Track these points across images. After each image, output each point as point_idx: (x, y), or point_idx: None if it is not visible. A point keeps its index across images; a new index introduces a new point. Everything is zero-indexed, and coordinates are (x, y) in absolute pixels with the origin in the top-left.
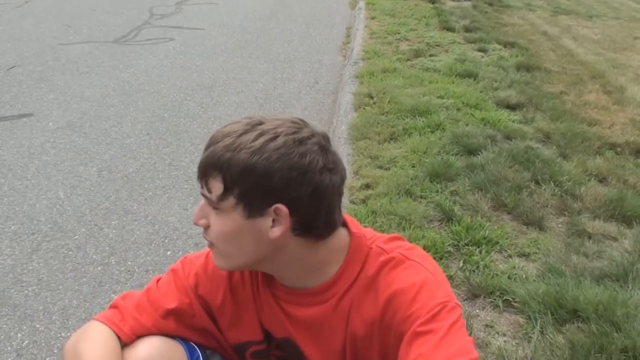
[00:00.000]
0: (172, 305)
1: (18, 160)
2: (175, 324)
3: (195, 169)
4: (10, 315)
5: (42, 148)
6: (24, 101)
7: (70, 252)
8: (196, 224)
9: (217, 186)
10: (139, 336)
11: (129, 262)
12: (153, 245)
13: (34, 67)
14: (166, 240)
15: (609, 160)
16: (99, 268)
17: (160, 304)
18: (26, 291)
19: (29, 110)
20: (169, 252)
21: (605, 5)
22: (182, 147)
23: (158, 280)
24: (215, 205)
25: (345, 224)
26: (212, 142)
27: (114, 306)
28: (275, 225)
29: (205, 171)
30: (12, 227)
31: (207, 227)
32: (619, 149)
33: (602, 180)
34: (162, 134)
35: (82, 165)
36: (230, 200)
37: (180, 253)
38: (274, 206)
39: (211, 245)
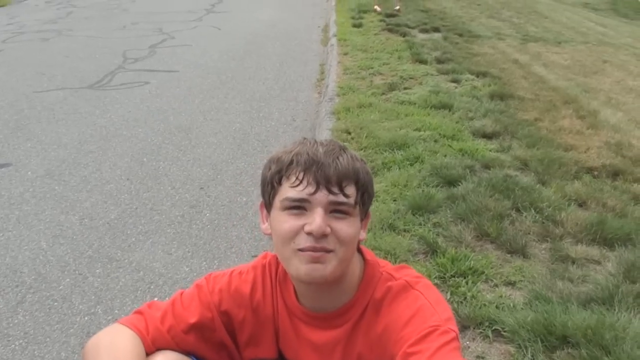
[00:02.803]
0: (194, 319)
1: None
2: (195, 339)
3: (177, 213)
4: None
5: (22, 198)
6: (1, 151)
7: (55, 304)
8: (324, 232)
9: (352, 192)
10: (158, 347)
11: (116, 311)
12: (139, 292)
13: (9, 116)
14: (152, 287)
15: (587, 184)
16: (86, 318)
17: (184, 318)
18: (13, 345)
19: (7, 160)
20: (155, 299)
21: (572, 30)
22: (163, 190)
23: (182, 294)
24: (350, 209)
25: (359, 251)
26: (324, 159)
27: (139, 312)
28: (363, 229)
29: (341, 180)
30: None
31: (328, 235)
32: (596, 173)
33: (581, 204)
34: (142, 178)
35: (64, 214)
36: (359, 205)
37: (167, 299)
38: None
39: (327, 252)
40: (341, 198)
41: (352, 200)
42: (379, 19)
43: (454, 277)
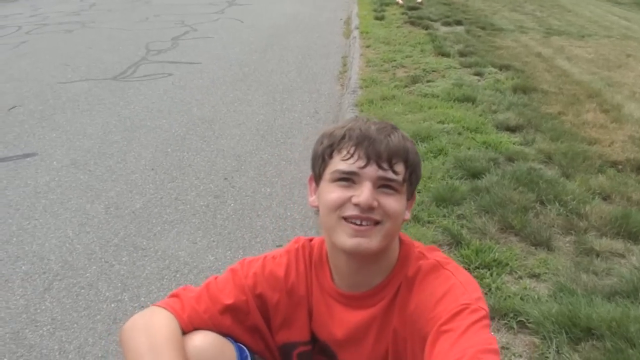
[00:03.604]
0: (229, 301)
1: (24, 200)
2: (230, 320)
3: (202, 203)
4: (26, 355)
5: (48, 187)
6: (27, 141)
7: (82, 290)
8: (371, 205)
9: (401, 170)
10: (196, 327)
11: (142, 298)
12: (165, 280)
13: (34, 107)
14: (177, 275)
15: (611, 178)
16: (113, 305)
17: (219, 299)
18: (41, 331)
19: (33, 149)
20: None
21: (596, 24)
22: (187, 181)
23: (216, 278)
24: (397, 186)
25: None
26: (376, 136)
27: (174, 295)
28: (408, 208)
29: (391, 157)
30: (23, 267)
31: (374, 208)
32: (620, 167)
33: (605, 198)
34: (166, 168)
35: (89, 203)
36: (407, 183)
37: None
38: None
39: (375, 223)
40: (390, 174)
41: (400, 178)
42: (401, 11)
43: (478, 268)
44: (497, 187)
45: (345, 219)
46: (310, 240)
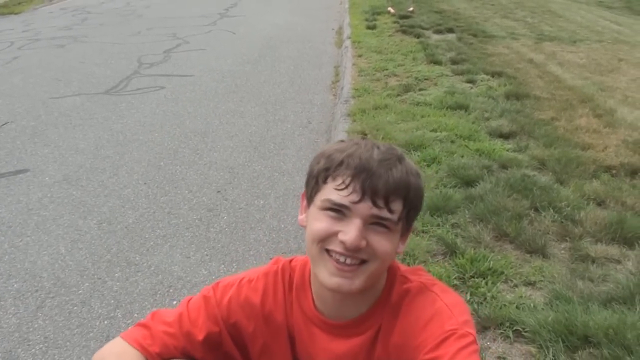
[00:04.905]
0: (201, 335)
1: (17, 217)
2: (202, 352)
3: (195, 216)
4: None
5: (40, 203)
6: (19, 157)
7: (75, 308)
8: (358, 246)
9: (398, 208)
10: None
11: (136, 315)
12: (158, 295)
13: (26, 123)
14: (171, 290)
15: (605, 183)
16: (106, 322)
17: (192, 335)
18: (33, 350)
19: (25, 165)
20: (174, 302)
21: (587, 29)
22: (180, 194)
23: (189, 302)
24: (391, 225)
25: None
26: (376, 168)
27: (144, 326)
28: (402, 241)
29: (389, 194)
30: (15, 285)
31: (362, 248)
32: (614, 171)
33: (600, 203)
34: (159, 182)
35: (82, 219)
36: (402, 221)
37: None
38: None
39: (360, 263)
40: (385, 213)
41: (395, 217)
42: (392, 20)
43: (473, 277)
44: (491, 195)
45: (329, 251)
46: (291, 261)
